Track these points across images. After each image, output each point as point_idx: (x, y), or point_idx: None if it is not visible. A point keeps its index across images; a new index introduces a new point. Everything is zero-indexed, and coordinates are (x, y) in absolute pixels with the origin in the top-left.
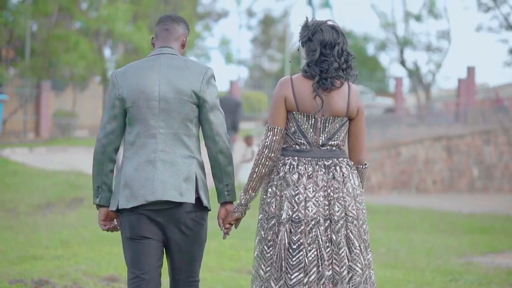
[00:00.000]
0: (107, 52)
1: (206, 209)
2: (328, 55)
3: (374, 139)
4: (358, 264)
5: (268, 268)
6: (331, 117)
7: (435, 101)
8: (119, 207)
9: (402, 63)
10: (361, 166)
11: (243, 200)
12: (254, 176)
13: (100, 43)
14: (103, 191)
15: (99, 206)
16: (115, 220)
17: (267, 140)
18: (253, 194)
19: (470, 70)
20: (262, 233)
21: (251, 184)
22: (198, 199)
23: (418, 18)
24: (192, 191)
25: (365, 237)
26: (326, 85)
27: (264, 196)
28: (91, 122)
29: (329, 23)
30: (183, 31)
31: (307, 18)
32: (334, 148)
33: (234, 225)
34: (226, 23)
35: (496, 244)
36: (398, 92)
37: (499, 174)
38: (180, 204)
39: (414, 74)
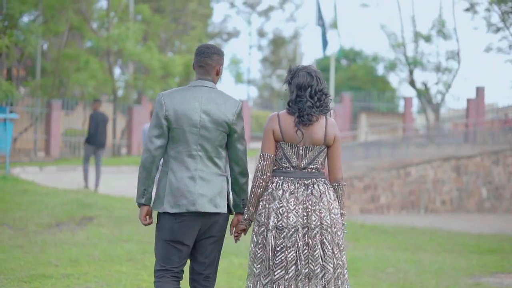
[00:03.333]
0: (117, 71)
1: (229, 217)
2: (302, 96)
3: (384, 159)
4: (330, 264)
5: (259, 266)
6: (311, 145)
7: (444, 121)
8: (163, 211)
9: (412, 83)
10: (336, 185)
11: (246, 216)
12: (252, 196)
13: (110, 63)
14: (147, 193)
15: (142, 205)
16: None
17: (259, 166)
18: (253, 210)
19: (479, 91)
20: (255, 238)
21: (251, 201)
22: (228, 208)
23: (427, 38)
24: (225, 203)
25: (339, 241)
26: (305, 121)
27: (257, 209)
28: None
29: (310, 68)
30: (216, 62)
31: (290, 65)
32: (314, 170)
33: (243, 233)
34: (237, 43)
35: (505, 265)
36: (407, 112)
37: (508, 195)
38: (216, 213)
39: (424, 94)
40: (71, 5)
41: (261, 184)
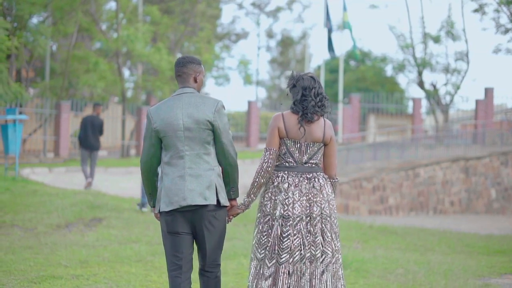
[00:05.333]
0: (125, 72)
1: (224, 207)
2: (307, 96)
3: (392, 161)
4: (329, 249)
5: (263, 251)
6: (311, 143)
7: (453, 122)
8: (160, 210)
9: (420, 84)
10: (332, 180)
11: (246, 202)
12: (255, 184)
13: (119, 64)
14: (154, 196)
15: (153, 206)
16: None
17: (265, 158)
18: (254, 198)
19: (488, 92)
20: (260, 226)
21: (252, 190)
22: (217, 201)
23: (436, 39)
24: (214, 195)
25: (336, 229)
26: (308, 118)
27: (262, 200)
28: (110, 142)
29: (312, 73)
30: (192, 70)
31: (292, 71)
32: (313, 165)
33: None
34: (245, 44)
35: None
36: (416, 114)
37: None
38: (205, 205)
39: (432, 95)
40: (80, 6)
41: (265, 175)
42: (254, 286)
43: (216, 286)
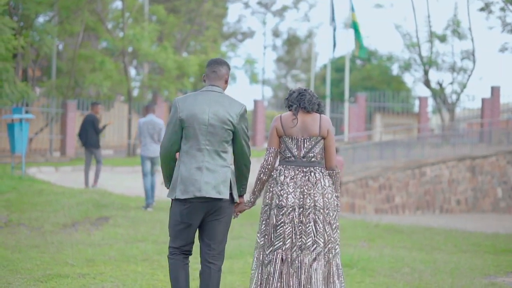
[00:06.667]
0: (132, 71)
1: (234, 202)
2: (304, 93)
3: (398, 159)
4: (321, 239)
5: (262, 238)
6: (308, 137)
7: (459, 121)
8: (175, 197)
9: (427, 83)
10: (331, 172)
11: (251, 199)
12: (258, 182)
13: (125, 63)
14: (170, 179)
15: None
16: None
17: (265, 157)
18: (258, 195)
19: (495, 90)
20: (261, 215)
21: (256, 187)
22: (230, 196)
23: (442, 38)
24: (227, 191)
25: (332, 221)
26: (304, 106)
27: (263, 192)
28: (116, 141)
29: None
30: (225, 71)
31: (291, 89)
32: (312, 159)
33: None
34: (251, 43)
35: None
36: (422, 112)
37: None
38: (219, 199)
39: (439, 94)
40: (86, 5)
41: (266, 172)
42: (255, 273)
43: (218, 278)
